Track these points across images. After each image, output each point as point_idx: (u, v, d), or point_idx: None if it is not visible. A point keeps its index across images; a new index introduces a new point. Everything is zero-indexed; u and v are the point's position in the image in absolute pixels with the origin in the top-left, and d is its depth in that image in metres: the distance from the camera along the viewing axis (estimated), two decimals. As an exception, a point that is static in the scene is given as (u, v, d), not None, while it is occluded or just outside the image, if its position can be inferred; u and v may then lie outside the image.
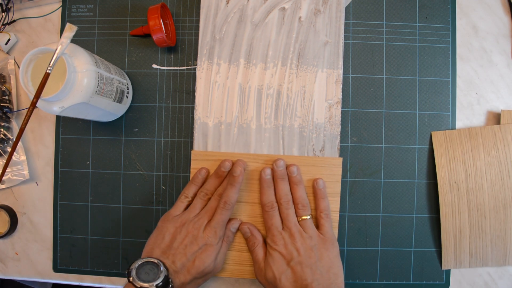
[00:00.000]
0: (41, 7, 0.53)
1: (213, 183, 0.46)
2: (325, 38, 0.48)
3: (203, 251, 0.42)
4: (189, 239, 0.42)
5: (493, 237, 0.47)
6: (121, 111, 0.49)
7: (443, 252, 0.48)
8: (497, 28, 0.50)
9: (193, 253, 0.42)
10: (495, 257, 0.47)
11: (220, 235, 0.43)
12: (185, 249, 0.42)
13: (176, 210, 0.45)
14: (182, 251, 0.42)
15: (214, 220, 0.43)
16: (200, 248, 0.42)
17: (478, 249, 0.47)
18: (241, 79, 0.48)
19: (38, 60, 0.38)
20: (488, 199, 0.47)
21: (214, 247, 0.43)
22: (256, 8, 0.49)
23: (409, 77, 0.50)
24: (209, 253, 0.42)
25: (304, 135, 0.48)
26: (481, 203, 0.47)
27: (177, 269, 0.41)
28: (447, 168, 0.47)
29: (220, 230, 0.43)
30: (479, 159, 0.47)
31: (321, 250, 0.43)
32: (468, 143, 0.47)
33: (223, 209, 0.43)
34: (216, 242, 0.43)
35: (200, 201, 0.45)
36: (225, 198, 0.44)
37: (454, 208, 0.47)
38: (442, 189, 0.48)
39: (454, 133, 0.48)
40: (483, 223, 0.47)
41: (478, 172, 0.47)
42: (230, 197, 0.44)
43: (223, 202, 0.43)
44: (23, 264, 0.51)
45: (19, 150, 0.51)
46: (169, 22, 0.50)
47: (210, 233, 0.43)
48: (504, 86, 0.50)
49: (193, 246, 0.42)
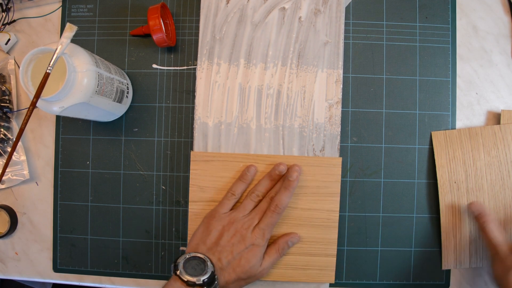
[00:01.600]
0: (41, 7, 0.53)
1: (266, 185, 0.45)
2: (325, 38, 0.48)
3: (249, 251, 0.42)
4: (237, 238, 0.42)
5: None
6: (121, 111, 0.49)
7: (443, 252, 0.48)
8: (497, 28, 0.50)
9: (239, 252, 0.42)
10: None
11: (267, 237, 0.43)
12: (232, 247, 0.42)
13: (224, 208, 0.45)
14: (229, 249, 0.42)
15: (263, 222, 0.43)
16: (247, 248, 0.42)
17: (478, 249, 0.47)
18: (241, 79, 0.48)
19: (38, 60, 0.38)
20: (488, 199, 0.47)
21: (261, 248, 0.43)
22: (256, 8, 0.49)
23: (409, 77, 0.50)
24: (255, 253, 0.42)
25: (304, 135, 0.48)
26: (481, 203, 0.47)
27: (223, 266, 0.41)
28: (447, 168, 0.47)
29: (268, 232, 0.43)
30: (479, 159, 0.47)
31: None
32: (468, 143, 0.47)
33: (274, 212, 0.43)
34: (263, 244, 0.43)
35: (251, 202, 0.45)
36: (277, 201, 0.43)
37: (454, 208, 0.47)
38: (442, 189, 0.48)
39: (454, 133, 0.48)
40: None
41: (478, 172, 0.47)
42: (283, 201, 0.43)
43: (275, 205, 0.43)
44: (23, 264, 0.51)
45: (19, 150, 0.51)
46: (169, 22, 0.50)
47: (258, 234, 0.43)
48: (504, 86, 0.50)
49: (240, 245, 0.42)
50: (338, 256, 0.48)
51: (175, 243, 0.50)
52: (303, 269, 0.47)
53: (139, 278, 0.50)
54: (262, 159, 0.47)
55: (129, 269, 0.50)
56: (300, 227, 0.47)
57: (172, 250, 0.50)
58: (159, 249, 0.50)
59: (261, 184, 0.46)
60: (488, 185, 0.47)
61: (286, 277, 0.47)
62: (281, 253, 0.45)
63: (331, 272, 0.47)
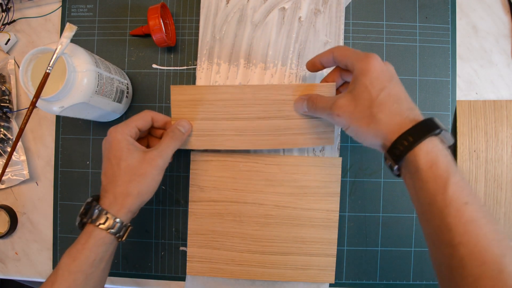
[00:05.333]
0: (41, 7, 0.53)
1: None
2: (325, 38, 0.48)
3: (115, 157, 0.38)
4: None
5: (507, 210, 0.47)
6: (121, 111, 0.49)
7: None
8: (497, 28, 0.50)
9: (111, 166, 0.38)
10: (506, 231, 0.47)
11: (128, 132, 0.39)
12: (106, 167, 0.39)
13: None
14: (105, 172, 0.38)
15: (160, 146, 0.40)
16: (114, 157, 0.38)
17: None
18: (241, 79, 0.48)
19: (38, 60, 0.38)
20: (507, 171, 0.47)
21: (120, 140, 0.38)
22: (256, 8, 0.49)
23: (409, 77, 0.50)
24: (120, 152, 0.38)
25: (304, 135, 0.47)
26: (499, 174, 0.47)
27: (103, 187, 0.38)
28: (468, 136, 0.47)
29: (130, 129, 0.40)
30: (502, 131, 0.47)
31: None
32: (492, 115, 0.47)
33: (172, 138, 0.41)
34: (123, 137, 0.39)
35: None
36: (173, 127, 0.41)
37: (471, 176, 0.47)
38: (461, 156, 0.48)
39: (479, 104, 0.48)
40: (499, 195, 0.47)
41: (499, 144, 0.47)
42: (181, 124, 0.42)
43: (171, 129, 0.41)
44: (23, 264, 0.51)
45: (19, 150, 0.51)
46: (169, 22, 0.50)
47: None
48: (504, 86, 0.50)
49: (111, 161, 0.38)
50: (338, 256, 0.48)
51: (175, 243, 0.50)
52: (303, 269, 0.47)
53: (139, 278, 0.50)
54: (262, 159, 0.47)
55: (129, 269, 0.50)
56: (300, 227, 0.47)
57: (172, 250, 0.50)
58: (159, 249, 0.50)
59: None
60: (508, 157, 0.47)
61: (286, 277, 0.47)
62: (173, 137, 0.41)
63: (331, 272, 0.47)
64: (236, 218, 0.47)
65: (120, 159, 0.38)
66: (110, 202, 0.37)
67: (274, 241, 0.47)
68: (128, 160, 0.38)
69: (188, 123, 0.43)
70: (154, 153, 0.39)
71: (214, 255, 0.47)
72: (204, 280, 0.48)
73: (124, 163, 0.38)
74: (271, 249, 0.47)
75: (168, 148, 0.40)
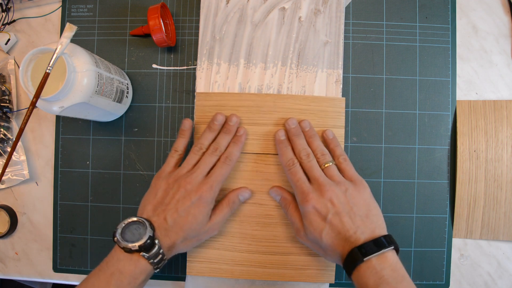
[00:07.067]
0: (41, 7, 0.53)
1: (208, 137, 0.44)
2: (325, 38, 0.48)
3: (195, 206, 0.40)
4: (181, 193, 0.40)
5: (507, 210, 0.47)
6: (121, 111, 0.49)
7: (455, 221, 0.48)
8: (497, 28, 0.50)
9: (185, 208, 0.39)
10: (506, 231, 0.47)
11: (215, 190, 0.41)
12: (177, 204, 0.39)
13: (168, 166, 0.43)
14: (174, 207, 0.39)
15: (213, 175, 0.41)
16: (193, 203, 0.40)
17: (491, 220, 0.47)
18: (241, 79, 0.48)
19: (38, 60, 0.38)
20: (507, 171, 0.47)
21: (208, 202, 0.41)
22: (256, 8, 0.49)
23: (409, 77, 0.50)
24: (201, 208, 0.40)
25: (304, 135, 0.48)
26: (499, 174, 0.47)
27: (168, 226, 0.39)
28: (468, 136, 0.48)
29: (216, 185, 0.41)
30: (502, 131, 0.48)
31: (353, 194, 0.40)
32: (492, 115, 0.48)
33: (224, 164, 0.42)
34: (210, 197, 0.41)
35: (194, 156, 0.43)
36: (227, 153, 0.43)
37: (471, 176, 0.47)
38: (462, 156, 0.48)
39: (479, 104, 0.48)
40: (499, 195, 0.47)
41: (499, 144, 0.47)
42: (234, 153, 0.43)
43: (225, 157, 0.42)
44: (23, 264, 0.51)
45: (19, 150, 0.51)
46: (169, 22, 0.50)
47: (205, 187, 0.40)
48: (504, 86, 0.50)
49: (186, 201, 0.40)
50: (338, 256, 0.48)
51: (175, 243, 0.50)
52: (303, 269, 0.47)
53: (139, 278, 0.50)
54: (262, 159, 0.47)
55: (129, 269, 0.50)
56: (300, 227, 0.47)
57: (172, 250, 0.50)
58: (159, 249, 0.50)
59: (204, 137, 0.44)
60: (508, 157, 0.47)
61: (286, 277, 0.47)
62: (232, 207, 0.44)
63: (331, 272, 0.47)
64: (236, 218, 0.47)
65: (197, 218, 0.40)
66: (168, 246, 0.39)
67: (274, 241, 0.47)
68: (201, 223, 0.41)
69: (249, 193, 0.46)
70: (215, 225, 0.43)
71: (214, 255, 0.47)
72: (204, 280, 0.48)
73: (198, 224, 0.40)
74: (271, 249, 0.47)
75: (224, 218, 0.44)
